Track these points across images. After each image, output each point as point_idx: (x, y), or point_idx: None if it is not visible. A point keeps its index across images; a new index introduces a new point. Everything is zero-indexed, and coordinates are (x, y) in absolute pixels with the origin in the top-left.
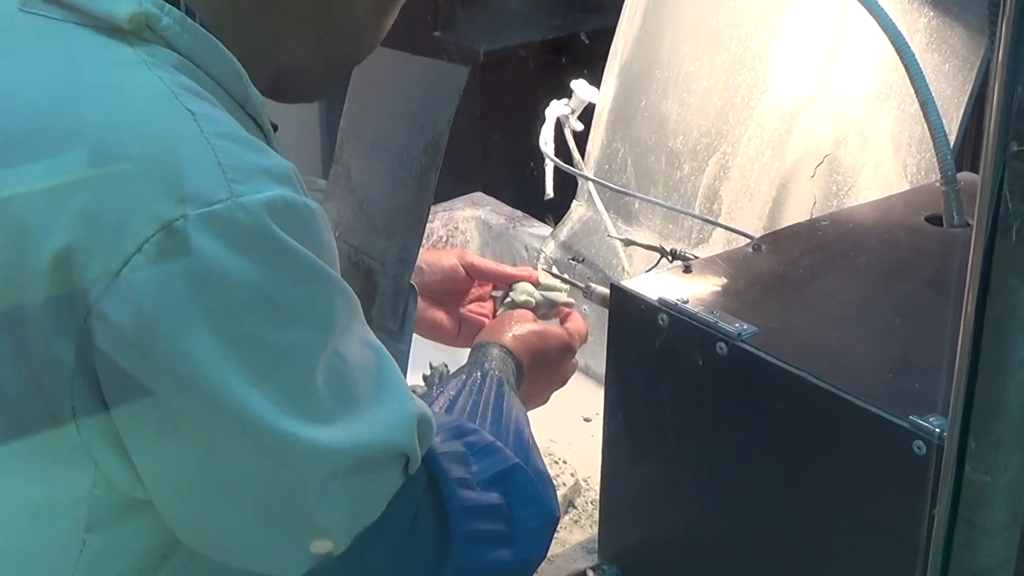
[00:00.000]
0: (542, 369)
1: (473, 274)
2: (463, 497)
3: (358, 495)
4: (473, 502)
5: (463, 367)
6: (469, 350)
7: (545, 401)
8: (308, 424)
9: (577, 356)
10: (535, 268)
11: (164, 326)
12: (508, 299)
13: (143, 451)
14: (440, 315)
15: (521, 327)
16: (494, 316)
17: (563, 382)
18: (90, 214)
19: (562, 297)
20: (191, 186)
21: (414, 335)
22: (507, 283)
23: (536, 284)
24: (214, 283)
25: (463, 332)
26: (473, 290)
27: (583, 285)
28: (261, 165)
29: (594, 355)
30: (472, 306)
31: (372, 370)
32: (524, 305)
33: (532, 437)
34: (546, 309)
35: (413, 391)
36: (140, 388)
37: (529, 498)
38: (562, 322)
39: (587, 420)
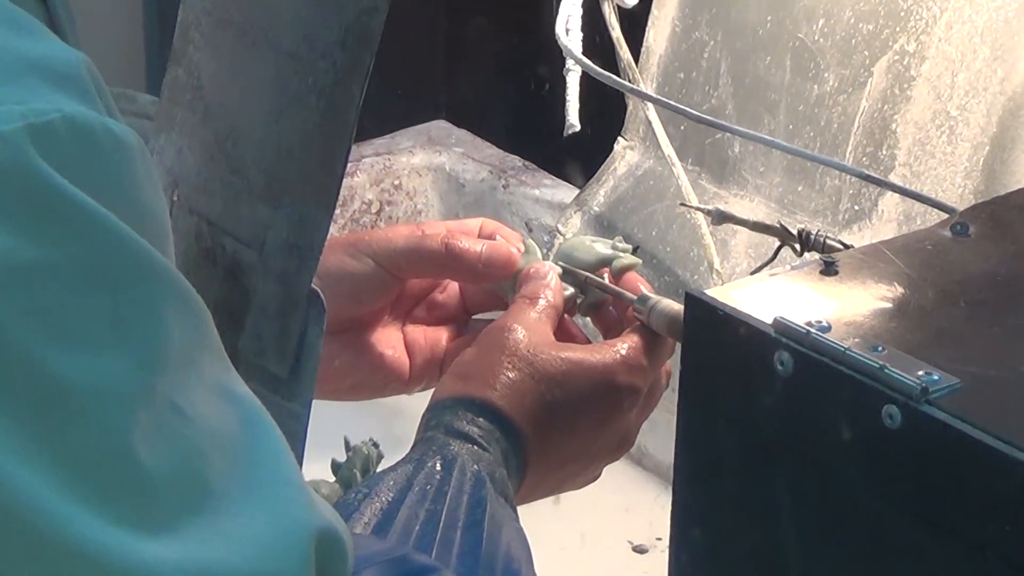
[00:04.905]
0: (567, 440)
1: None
2: None
3: None
4: None
5: (411, 452)
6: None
7: (583, 483)
8: (118, 528)
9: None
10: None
11: None
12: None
13: None
14: (379, 345)
15: (521, 362)
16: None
17: (621, 449)
18: None
19: (627, 260)
20: None
21: (325, 395)
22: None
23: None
24: None
25: (418, 364)
26: (413, 284)
27: (633, 297)
28: (27, 56)
29: (652, 428)
30: (420, 315)
31: (236, 443)
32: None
33: None
34: (594, 298)
35: (316, 489)
36: None
37: None
38: (604, 329)
39: (639, 551)
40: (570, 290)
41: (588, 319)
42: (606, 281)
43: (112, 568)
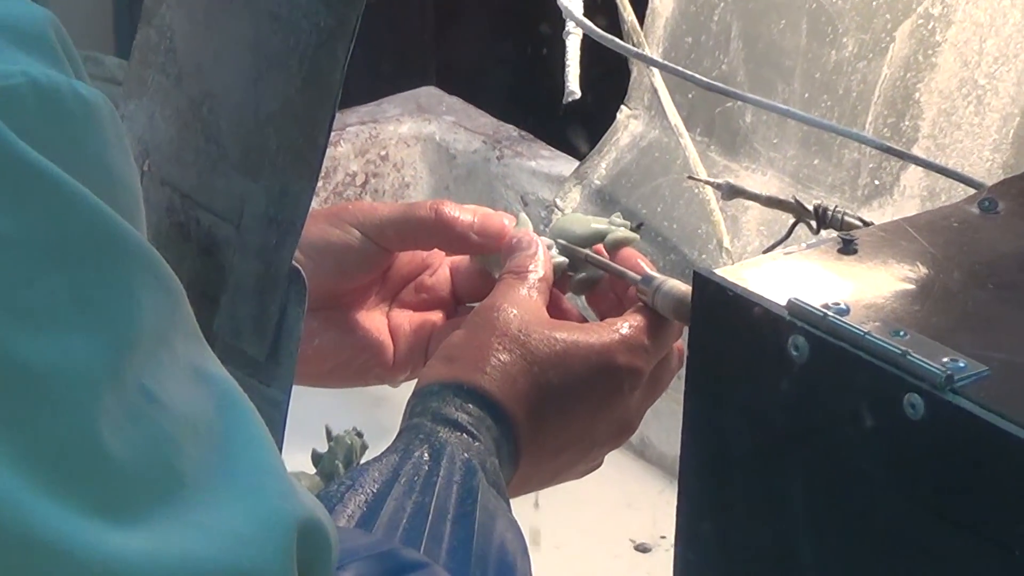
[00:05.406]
0: (563, 426)
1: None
2: None
3: None
4: None
5: (396, 441)
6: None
7: (583, 473)
8: (85, 519)
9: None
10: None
11: None
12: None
13: None
14: (363, 325)
15: (512, 343)
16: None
17: (622, 435)
18: None
19: (621, 234)
20: None
21: (302, 378)
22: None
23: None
24: None
25: (402, 349)
26: (401, 264)
27: (636, 276)
28: None
29: (656, 418)
30: (407, 298)
31: (212, 428)
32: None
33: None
34: (591, 273)
35: (297, 479)
36: None
37: None
38: (601, 312)
39: (642, 550)
40: (559, 259)
41: (583, 299)
42: (605, 259)
43: (79, 560)
